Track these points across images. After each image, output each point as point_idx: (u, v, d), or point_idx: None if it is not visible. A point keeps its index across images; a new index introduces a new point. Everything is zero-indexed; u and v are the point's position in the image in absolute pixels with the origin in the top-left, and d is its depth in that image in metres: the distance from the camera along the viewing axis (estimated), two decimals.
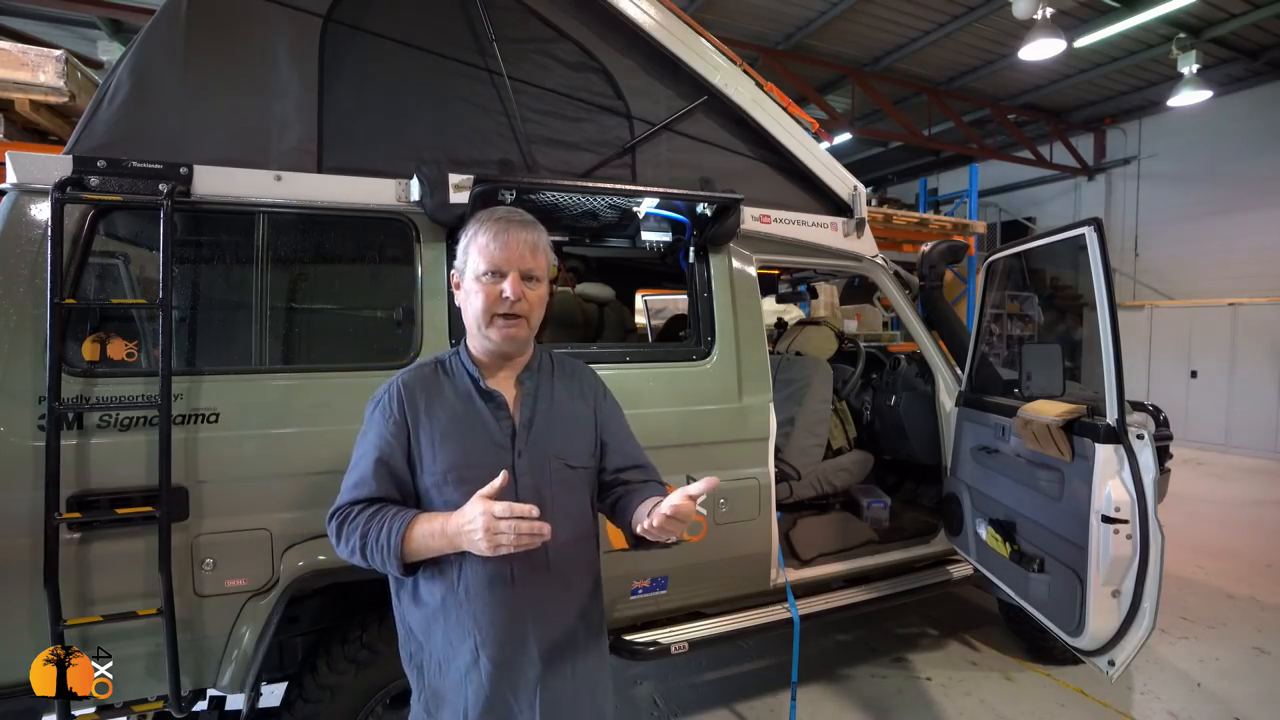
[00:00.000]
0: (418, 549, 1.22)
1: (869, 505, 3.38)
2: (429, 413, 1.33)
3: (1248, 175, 9.78)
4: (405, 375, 1.38)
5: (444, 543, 1.20)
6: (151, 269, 1.87)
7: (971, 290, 9.30)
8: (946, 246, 3.35)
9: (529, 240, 1.32)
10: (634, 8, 2.42)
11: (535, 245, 1.33)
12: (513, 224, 1.32)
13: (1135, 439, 2.11)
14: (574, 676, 1.39)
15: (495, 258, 1.29)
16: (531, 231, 1.34)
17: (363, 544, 1.23)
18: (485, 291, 1.29)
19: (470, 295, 1.32)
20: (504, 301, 1.28)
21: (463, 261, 1.35)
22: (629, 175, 2.49)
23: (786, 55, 9.01)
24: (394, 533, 1.21)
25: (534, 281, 1.32)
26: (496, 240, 1.29)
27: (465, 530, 1.15)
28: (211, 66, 1.96)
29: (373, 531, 1.23)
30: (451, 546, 1.20)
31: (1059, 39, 7.11)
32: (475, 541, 1.14)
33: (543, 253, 1.35)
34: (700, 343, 2.57)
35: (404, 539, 1.21)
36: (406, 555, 1.22)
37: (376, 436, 1.33)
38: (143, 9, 6.63)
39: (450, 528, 1.18)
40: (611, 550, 2.35)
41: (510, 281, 1.28)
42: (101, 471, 1.78)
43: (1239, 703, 3.11)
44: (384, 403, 1.35)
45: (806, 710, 3.03)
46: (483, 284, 1.30)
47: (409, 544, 1.21)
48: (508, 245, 1.29)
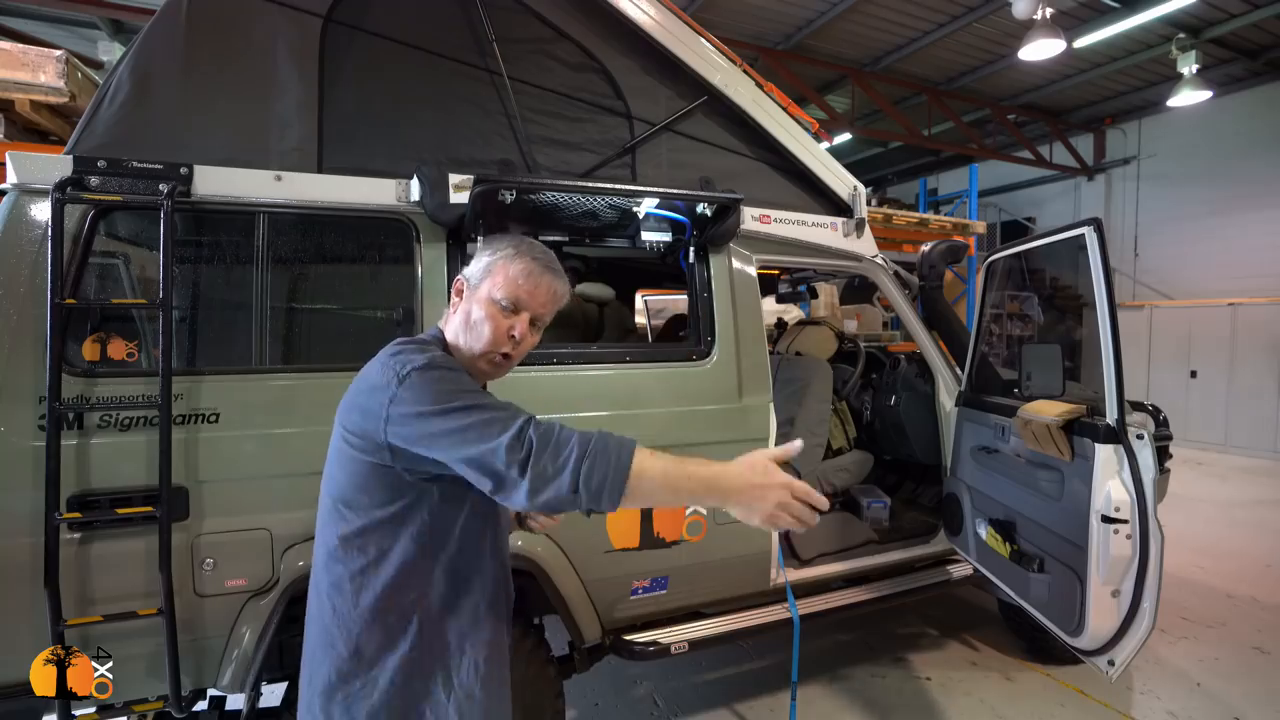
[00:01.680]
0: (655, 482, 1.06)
1: (869, 505, 3.38)
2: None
3: (1248, 175, 9.78)
4: (441, 356, 1.23)
5: (710, 495, 1.08)
6: (152, 269, 1.87)
7: (971, 290, 9.30)
8: (946, 246, 3.35)
9: (557, 292, 1.32)
10: (634, 8, 2.43)
11: (560, 299, 1.34)
12: (550, 270, 1.31)
13: (1135, 439, 2.11)
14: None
15: (520, 293, 1.27)
16: (562, 284, 1.33)
17: (585, 449, 1.04)
18: (496, 323, 1.26)
19: (476, 315, 1.27)
20: (509, 341, 1.27)
21: (480, 275, 1.30)
22: (629, 175, 2.49)
23: (786, 55, 9.01)
24: (625, 445, 1.06)
25: (536, 328, 1.32)
26: (530, 279, 1.28)
27: (757, 489, 1.06)
28: (212, 67, 1.97)
29: (597, 440, 1.05)
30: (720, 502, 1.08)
31: (1059, 39, 7.11)
32: (765, 508, 1.06)
33: (558, 306, 1.35)
34: (700, 343, 2.57)
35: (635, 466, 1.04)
36: (632, 488, 1.04)
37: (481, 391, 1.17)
38: (143, 9, 6.63)
39: (731, 482, 1.07)
40: (611, 550, 2.36)
41: (520, 322, 1.27)
42: (102, 471, 1.78)
43: (1239, 703, 3.11)
44: (458, 368, 1.21)
45: (806, 710, 3.03)
46: (495, 312, 1.26)
47: (644, 475, 1.05)
48: (537, 288, 1.28)
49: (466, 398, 1.12)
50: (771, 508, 1.06)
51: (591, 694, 3.19)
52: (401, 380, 1.14)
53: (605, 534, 2.35)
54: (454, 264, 2.21)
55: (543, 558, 2.20)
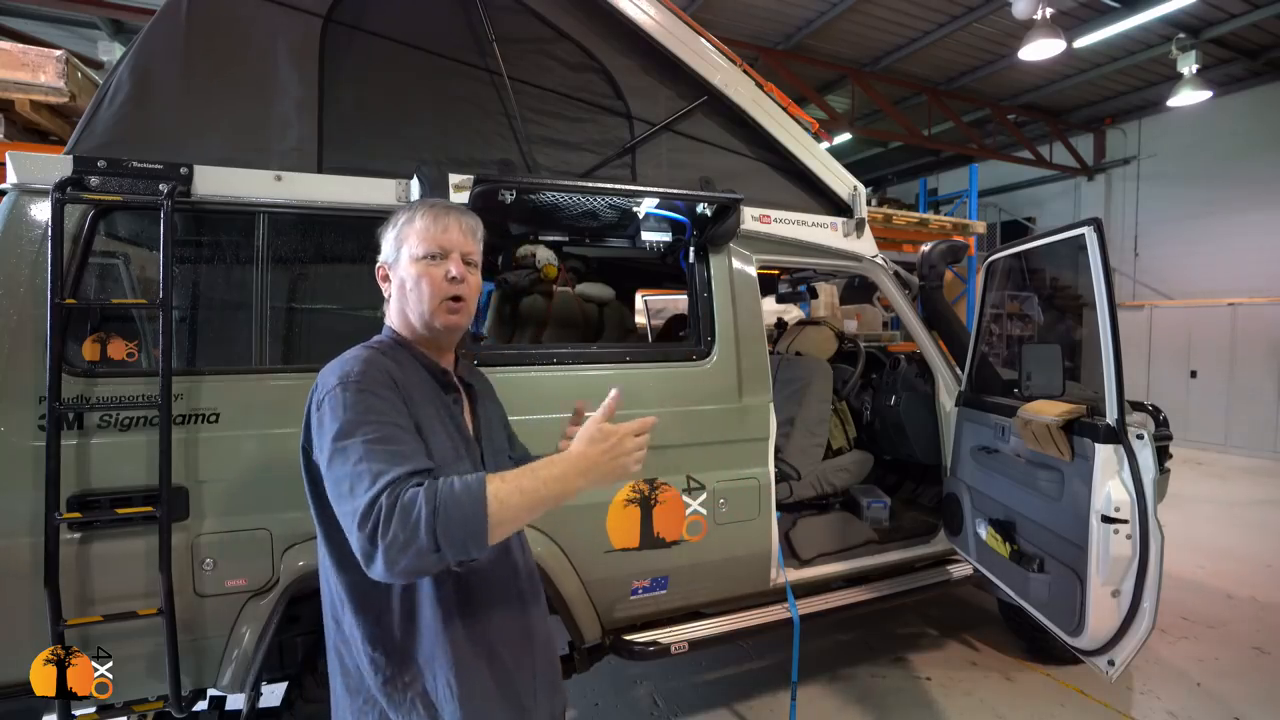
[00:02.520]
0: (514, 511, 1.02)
1: (869, 505, 3.38)
2: (411, 398, 1.20)
3: (1248, 175, 9.78)
4: (370, 355, 1.19)
5: (579, 482, 1.06)
6: (152, 269, 1.87)
7: (971, 290, 9.30)
8: (946, 246, 3.35)
9: (469, 225, 1.30)
10: (634, 8, 2.42)
11: (475, 230, 1.31)
12: (452, 209, 1.30)
13: (1135, 439, 2.11)
14: (553, 658, 1.43)
15: (438, 239, 1.25)
16: (471, 218, 1.32)
17: (433, 511, 0.97)
18: (429, 274, 1.24)
19: (409, 280, 1.25)
20: (451, 284, 1.24)
21: (393, 250, 1.28)
22: (629, 175, 2.49)
23: (786, 55, 9.01)
24: (472, 489, 1.00)
25: (472, 266, 1.30)
26: (438, 223, 1.26)
27: (610, 454, 1.07)
28: (212, 67, 1.97)
29: (443, 490, 0.99)
30: (589, 484, 1.07)
31: (1059, 39, 7.11)
32: (626, 465, 1.08)
33: (480, 240, 1.33)
34: (700, 343, 2.57)
35: (489, 496, 1.00)
36: (495, 520, 0.99)
37: (392, 411, 1.12)
38: (143, 9, 6.63)
39: (583, 463, 1.06)
40: (612, 550, 2.36)
41: (453, 263, 1.25)
42: (102, 471, 1.78)
43: (1239, 703, 3.11)
44: (375, 379, 1.14)
45: (806, 710, 3.03)
46: (424, 266, 1.24)
47: (503, 503, 1.01)
48: (448, 228, 1.27)
49: (360, 432, 1.06)
50: (621, 460, 1.08)
51: (591, 694, 3.19)
52: (319, 404, 1.13)
53: (605, 534, 2.34)
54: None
55: (542, 558, 2.20)
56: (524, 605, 1.34)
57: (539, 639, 1.37)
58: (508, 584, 1.33)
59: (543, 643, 1.38)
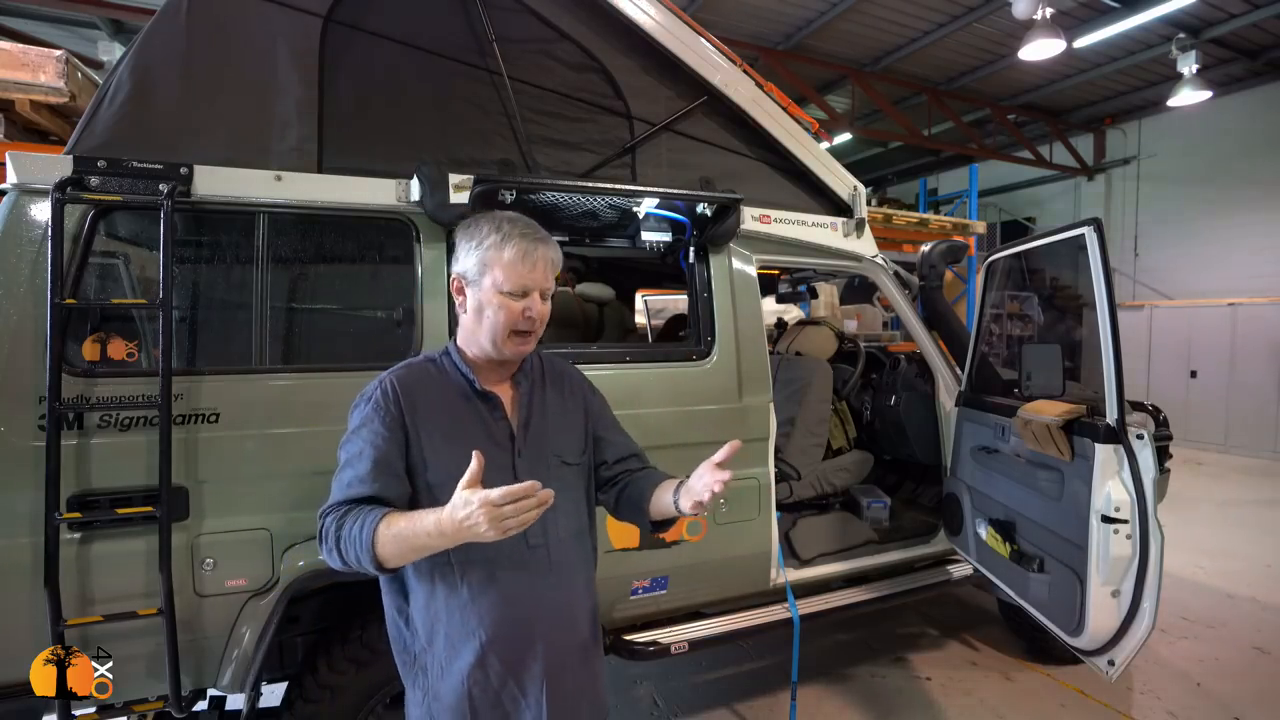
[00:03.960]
0: (397, 548, 1.15)
1: (869, 505, 3.38)
2: (428, 412, 1.32)
3: (1248, 175, 9.78)
4: (397, 373, 1.35)
5: (442, 541, 1.14)
6: (152, 269, 1.87)
7: (971, 290, 9.30)
8: (946, 246, 3.35)
9: (553, 260, 1.36)
10: (634, 8, 2.42)
11: (556, 264, 1.37)
12: (538, 242, 1.33)
13: (1135, 439, 2.11)
14: (578, 670, 1.40)
15: (524, 278, 1.31)
16: (554, 250, 1.37)
17: (338, 539, 1.19)
18: (509, 308, 1.31)
19: (489, 309, 1.32)
20: (526, 320, 1.32)
21: (475, 271, 1.33)
22: (629, 175, 2.49)
23: (786, 55, 9.01)
24: (367, 525, 1.16)
25: (546, 298, 1.37)
26: (526, 261, 1.31)
27: (465, 525, 1.09)
28: (212, 67, 1.96)
29: (348, 524, 1.18)
30: (453, 542, 1.14)
31: (1059, 39, 7.11)
32: (482, 533, 1.09)
33: (558, 269, 1.39)
34: (700, 343, 2.57)
35: (375, 535, 1.15)
36: (382, 554, 1.15)
37: (372, 434, 1.28)
38: (143, 9, 6.63)
39: (447, 526, 1.11)
40: (612, 550, 2.36)
41: (533, 301, 1.32)
42: (102, 471, 1.78)
43: (1239, 703, 3.11)
44: (377, 401, 1.31)
45: (806, 710, 3.03)
46: (506, 300, 1.31)
47: (384, 542, 1.15)
48: (535, 267, 1.32)
49: (349, 445, 1.31)
50: (487, 525, 1.07)
51: None
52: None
53: (605, 534, 2.34)
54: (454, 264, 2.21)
55: None
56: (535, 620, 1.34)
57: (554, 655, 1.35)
58: (520, 593, 1.33)
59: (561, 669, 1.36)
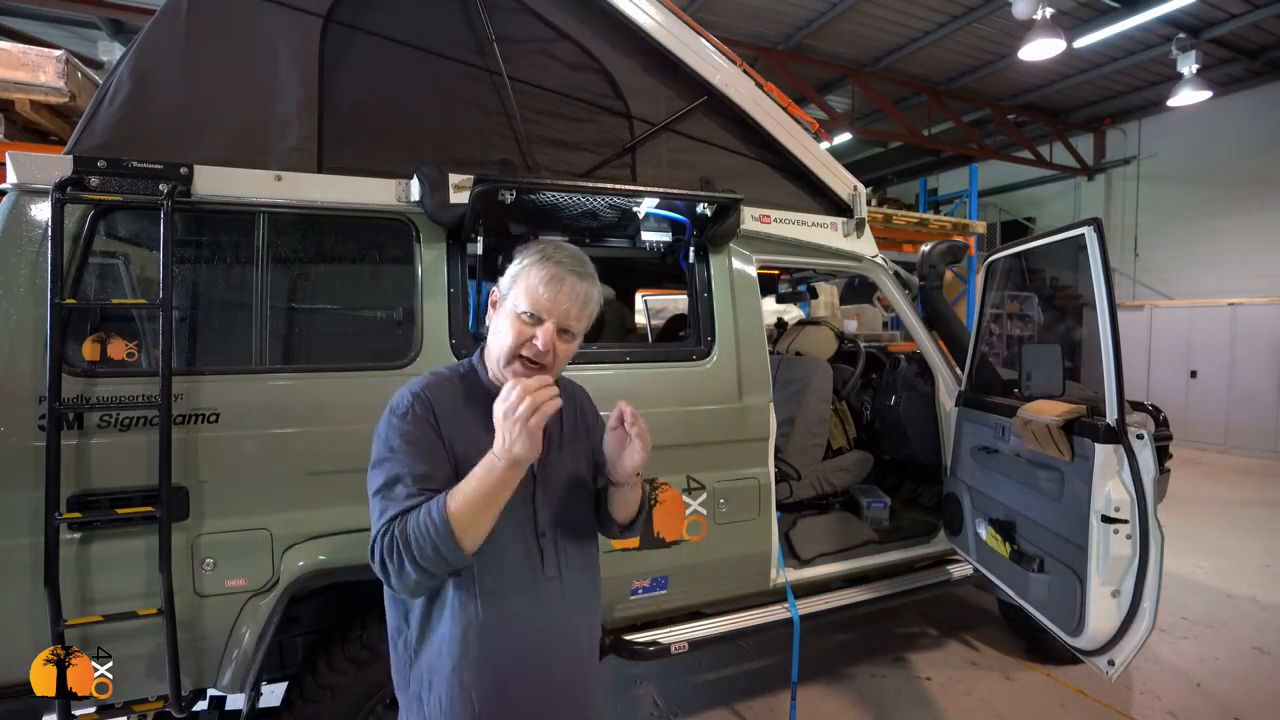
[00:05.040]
0: (469, 510, 1.09)
1: (869, 505, 3.38)
2: (458, 428, 1.26)
3: (1248, 175, 9.78)
4: (427, 387, 1.28)
5: (495, 479, 1.08)
6: (152, 269, 1.87)
7: (971, 290, 9.30)
8: (946, 246, 3.35)
9: (581, 295, 1.25)
10: (634, 8, 2.42)
11: (586, 302, 1.26)
12: (571, 273, 1.24)
13: (1135, 439, 2.11)
14: (584, 686, 1.38)
15: (540, 303, 1.22)
16: (588, 286, 1.26)
17: (407, 539, 1.09)
18: (517, 330, 1.23)
19: (503, 326, 1.25)
20: (531, 348, 1.22)
21: (508, 285, 1.26)
22: (629, 175, 2.49)
23: (786, 55, 9.01)
24: (434, 506, 1.10)
25: (568, 336, 1.26)
26: (549, 287, 1.22)
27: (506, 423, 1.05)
28: (212, 66, 1.96)
29: (413, 520, 1.11)
30: (503, 481, 1.09)
31: (1059, 39, 7.12)
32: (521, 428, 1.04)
33: (589, 312, 1.28)
34: (700, 343, 2.57)
35: (446, 508, 1.08)
36: (459, 529, 1.08)
37: (411, 448, 1.20)
38: (143, 9, 6.63)
39: (495, 453, 1.08)
40: (611, 550, 2.35)
41: (544, 331, 1.22)
42: (102, 471, 1.78)
43: (1239, 703, 3.11)
44: (415, 413, 1.23)
45: (806, 710, 3.03)
46: (518, 321, 1.23)
47: (457, 511, 1.08)
48: (557, 297, 1.22)
49: (390, 465, 1.20)
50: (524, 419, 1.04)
51: None
52: (380, 421, 1.27)
53: None
54: (454, 264, 2.21)
55: None
56: (548, 653, 1.30)
57: (564, 690, 1.32)
58: (534, 625, 1.29)
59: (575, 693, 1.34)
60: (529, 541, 1.29)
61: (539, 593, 1.29)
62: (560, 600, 1.32)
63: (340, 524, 1.97)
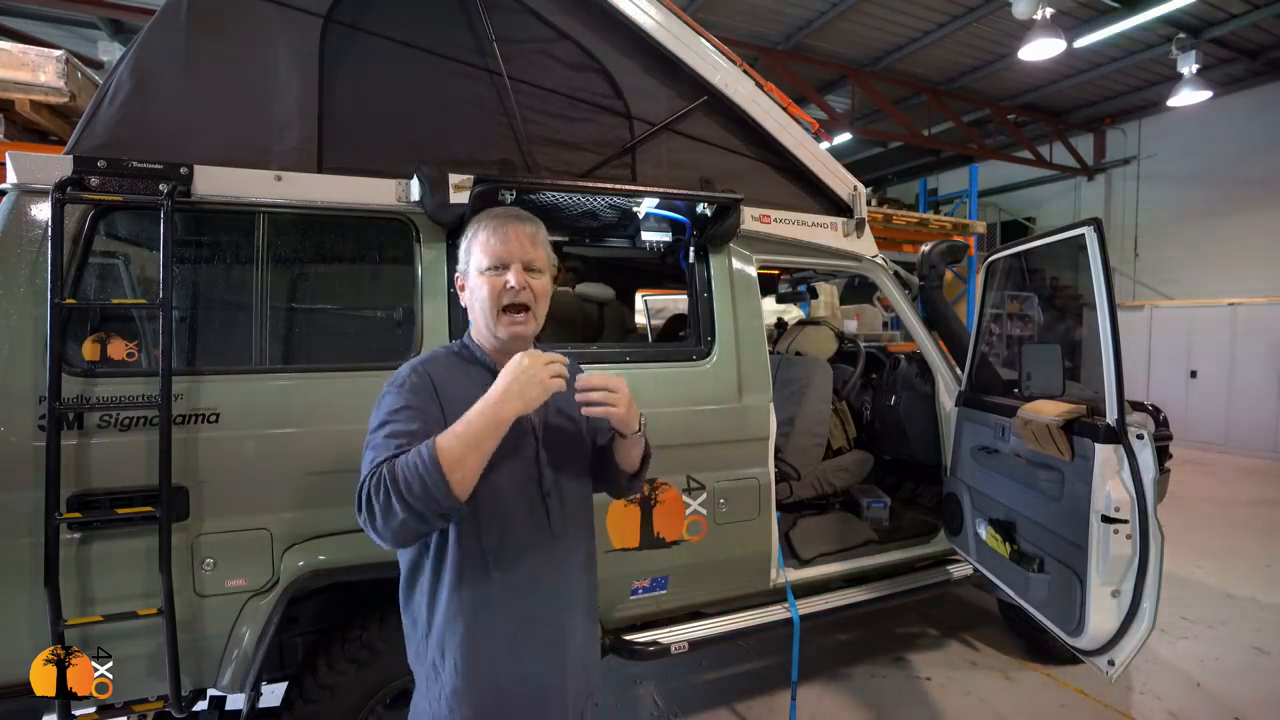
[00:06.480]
0: (460, 448, 1.11)
1: (869, 505, 3.39)
2: (454, 399, 1.30)
3: (1248, 175, 9.78)
4: (425, 361, 1.36)
5: (489, 416, 1.14)
6: (152, 269, 1.87)
7: (971, 290, 9.31)
8: (946, 246, 3.35)
9: (528, 232, 1.36)
10: (634, 8, 2.42)
11: (534, 237, 1.37)
12: (511, 219, 1.37)
13: (1135, 439, 2.11)
14: (591, 646, 1.47)
15: (497, 251, 1.33)
16: (530, 224, 1.38)
17: (394, 479, 1.10)
18: (490, 284, 1.32)
19: (475, 290, 1.35)
20: (509, 291, 1.32)
21: (465, 261, 1.38)
22: (629, 175, 2.49)
23: (786, 55, 9.01)
24: (424, 446, 1.12)
25: (536, 273, 1.36)
26: (496, 234, 1.33)
27: (517, 373, 1.16)
28: (212, 66, 1.96)
29: (401, 460, 1.13)
30: (496, 418, 1.15)
31: (1059, 39, 7.12)
32: (529, 385, 1.16)
33: (542, 245, 1.39)
34: (700, 343, 2.57)
35: (435, 445, 1.11)
36: (447, 465, 1.10)
37: (409, 409, 1.25)
38: (143, 9, 6.63)
39: (495, 392, 1.16)
40: (611, 550, 2.36)
41: (514, 272, 1.32)
42: (102, 471, 1.78)
43: (1239, 703, 3.11)
44: (412, 381, 1.30)
45: (806, 710, 3.03)
46: (487, 277, 1.33)
47: (447, 449, 1.11)
48: (508, 238, 1.33)
49: (382, 430, 1.23)
50: (536, 376, 1.16)
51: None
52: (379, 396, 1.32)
53: (605, 534, 2.34)
54: (454, 264, 2.21)
55: None
56: (559, 612, 1.37)
57: (575, 645, 1.39)
58: (542, 585, 1.35)
59: (578, 648, 1.40)
60: (535, 502, 1.35)
61: (546, 553, 1.35)
62: (566, 559, 1.39)
63: (340, 524, 1.97)
